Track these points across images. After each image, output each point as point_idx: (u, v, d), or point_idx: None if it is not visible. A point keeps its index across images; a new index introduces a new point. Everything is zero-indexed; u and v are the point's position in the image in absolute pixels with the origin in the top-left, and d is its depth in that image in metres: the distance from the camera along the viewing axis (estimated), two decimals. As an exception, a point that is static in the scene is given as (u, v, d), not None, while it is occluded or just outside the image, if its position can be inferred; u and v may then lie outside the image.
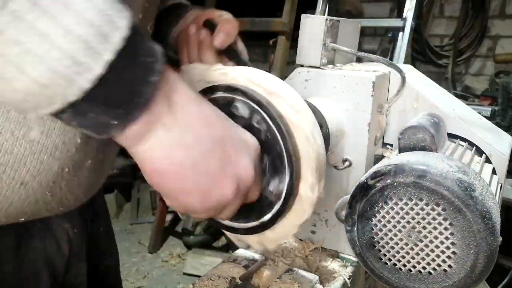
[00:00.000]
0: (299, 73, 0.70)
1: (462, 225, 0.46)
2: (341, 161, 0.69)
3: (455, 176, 0.46)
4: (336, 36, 0.71)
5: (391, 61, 0.68)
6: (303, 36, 0.70)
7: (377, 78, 0.65)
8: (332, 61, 0.73)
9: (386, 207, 0.50)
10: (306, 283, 0.63)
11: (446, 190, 0.46)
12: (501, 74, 2.85)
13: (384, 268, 0.52)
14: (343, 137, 0.68)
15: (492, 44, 3.13)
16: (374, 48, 3.23)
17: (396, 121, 0.71)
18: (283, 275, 0.65)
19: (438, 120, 0.64)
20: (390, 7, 3.38)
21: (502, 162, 0.67)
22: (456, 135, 0.69)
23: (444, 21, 3.29)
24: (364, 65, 0.76)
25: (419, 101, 0.69)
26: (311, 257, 0.73)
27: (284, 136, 0.49)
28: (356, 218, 0.52)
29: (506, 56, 2.93)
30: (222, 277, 0.64)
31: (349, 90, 0.66)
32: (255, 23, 2.59)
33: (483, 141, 0.67)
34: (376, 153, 0.69)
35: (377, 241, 0.52)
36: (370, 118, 0.65)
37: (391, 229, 0.50)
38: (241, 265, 0.67)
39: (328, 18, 0.68)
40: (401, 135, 0.60)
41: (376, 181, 0.50)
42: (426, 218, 0.48)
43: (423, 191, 0.47)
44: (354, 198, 0.52)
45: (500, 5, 3.07)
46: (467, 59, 3.22)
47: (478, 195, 0.45)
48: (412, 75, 0.75)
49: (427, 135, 0.58)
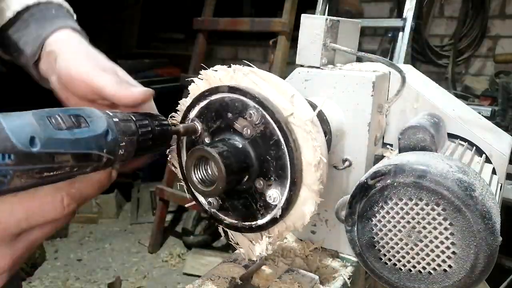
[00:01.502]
0: (299, 73, 0.70)
1: (462, 225, 0.46)
2: (341, 161, 0.69)
3: (455, 176, 0.46)
4: (336, 36, 0.71)
5: (391, 61, 0.68)
6: (303, 36, 0.70)
7: (377, 78, 0.65)
8: (332, 61, 0.72)
9: (386, 207, 0.50)
10: (306, 283, 0.63)
11: (446, 190, 0.46)
12: (501, 74, 2.85)
13: (384, 268, 0.52)
14: (343, 137, 0.68)
15: (492, 44, 3.13)
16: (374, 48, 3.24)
17: (396, 121, 0.71)
18: (283, 275, 0.65)
19: (438, 120, 0.64)
20: (390, 7, 3.38)
21: (502, 162, 0.67)
22: (456, 135, 0.69)
23: (444, 21, 3.29)
24: (364, 65, 0.76)
25: (419, 101, 0.69)
26: (311, 257, 0.73)
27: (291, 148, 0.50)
28: (356, 218, 0.52)
29: (506, 56, 2.93)
30: (222, 277, 0.64)
31: (349, 90, 0.66)
32: (255, 23, 2.58)
33: (483, 141, 0.67)
34: (376, 153, 0.69)
35: (377, 241, 0.52)
36: (370, 118, 0.65)
37: (391, 229, 0.50)
38: (241, 265, 0.67)
39: (328, 18, 0.68)
40: (401, 135, 0.60)
41: (376, 181, 0.50)
42: (426, 218, 0.48)
43: (423, 191, 0.47)
44: (354, 198, 0.52)
45: (500, 5, 3.07)
46: (467, 59, 3.22)
47: (478, 195, 0.45)
48: (412, 75, 0.75)
49: (427, 135, 0.58)
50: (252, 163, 0.52)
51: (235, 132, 0.53)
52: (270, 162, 0.52)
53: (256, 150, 0.52)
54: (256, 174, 0.53)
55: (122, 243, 3.16)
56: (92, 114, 0.42)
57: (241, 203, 0.56)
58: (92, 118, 0.41)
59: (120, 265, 2.87)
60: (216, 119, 0.55)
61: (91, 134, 0.40)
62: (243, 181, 0.54)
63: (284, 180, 0.51)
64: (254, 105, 0.51)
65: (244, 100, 0.52)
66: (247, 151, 0.52)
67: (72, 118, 0.40)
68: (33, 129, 0.36)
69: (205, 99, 0.55)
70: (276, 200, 0.52)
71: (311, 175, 0.51)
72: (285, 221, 0.54)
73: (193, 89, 0.58)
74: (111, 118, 0.44)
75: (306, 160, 0.50)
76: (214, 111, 0.55)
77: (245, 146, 0.52)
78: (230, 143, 0.52)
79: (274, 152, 0.51)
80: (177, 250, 3.04)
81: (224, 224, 0.59)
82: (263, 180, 0.53)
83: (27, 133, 0.36)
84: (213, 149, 0.49)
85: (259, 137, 0.51)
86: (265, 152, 0.52)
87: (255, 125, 0.51)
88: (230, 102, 0.53)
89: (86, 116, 0.41)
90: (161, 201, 2.99)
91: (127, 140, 0.44)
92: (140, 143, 0.46)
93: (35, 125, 0.36)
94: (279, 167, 0.51)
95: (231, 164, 0.49)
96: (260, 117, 0.51)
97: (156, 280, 2.73)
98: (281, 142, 0.50)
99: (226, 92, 0.53)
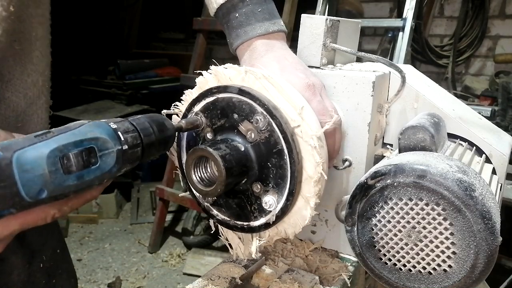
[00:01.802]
0: (299, 73, 0.70)
1: (462, 225, 0.46)
2: (341, 161, 0.68)
3: (455, 176, 0.46)
4: (336, 36, 0.71)
5: (391, 61, 0.68)
6: (303, 36, 0.70)
7: (377, 78, 0.65)
8: (332, 61, 0.72)
9: (386, 207, 0.50)
10: (306, 283, 0.63)
11: (446, 190, 0.46)
12: (501, 74, 2.85)
13: (384, 268, 0.52)
14: (343, 137, 0.68)
15: (492, 44, 3.13)
16: (374, 48, 3.24)
17: (396, 121, 0.71)
18: (283, 275, 0.65)
19: (438, 120, 0.64)
20: (390, 7, 3.38)
21: (502, 162, 0.67)
22: (456, 135, 0.69)
23: (444, 21, 3.29)
24: (364, 65, 0.76)
25: (419, 101, 0.69)
26: (311, 257, 0.73)
27: (293, 160, 0.50)
28: (356, 218, 0.52)
29: (506, 56, 2.93)
30: (222, 277, 0.64)
31: (349, 90, 0.66)
32: (255, 23, 2.58)
33: (483, 141, 0.67)
34: (376, 153, 0.69)
35: (377, 241, 0.52)
36: (370, 118, 0.65)
37: (391, 229, 0.50)
38: (241, 265, 0.67)
39: (328, 18, 0.68)
40: (401, 135, 0.60)
41: (376, 181, 0.50)
42: (426, 218, 0.48)
43: (423, 191, 0.47)
44: (354, 198, 0.52)
45: (500, 5, 3.07)
46: (467, 59, 3.22)
47: (478, 195, 0.45)
48: (412, 75, 0.75)
49: (427, 135, 0.58)
50: (252, 167, 0.52)
51: (238, 133, 0.53)
52: (271, 170, 0.52)
53: (257, 155, 0.52)
54: (254, 177, 0.53)
55: (122, 243, 3.16)
56: (104, 146, 0.42)
57: (236, 202, 0.56)
58: (103, 152, 0.42)
59: (120, 265, 2.87)
60: (221, 117, 0.54)
61: (98, 173, 0.41)
62: (241, 182, 0.54)
63: (282, 189, 0.51)
64: (262, 111, 0.51)
65: (253, 104, 0.51)
66: (248, 155, 0.52)
67: (84, 156, 0.40)
68: (44, 181, 0.38)
69: (212, 95, 0.55)
70: (271, 207, 0.52)
71: (309, 189, 0.51)
72: (277, 227, 0.54)
73: (201, 82, 0.57)
74: (121, 145, 0.43)
75: (307, 174, 0.51)
76: (220, 109, 0.54)
77: (247, 150, 0.52)
78: (232, 145, 0.52)
79: (276, 161, 0.51)
80: (177, 250, 3.04)
81: (216, 220, 0.59)
82: (260, 185, 0.53)
83: (37, 186, 0.37)
84: (216, 151, 0.49)
85: (263, 143, 0.51)
86: (266, 159, 0.52)
87: (261, 131, 0.51)
88: (238, 103, 0.53)
89: (98, 149, 0.41)
90: (161, 201, 2.98)
91: (129, 166, 0.45)
92: (142, 159, 0.46)
93: (46, 175, 0.38)
94: (279, 176, 0.51)
95: (232, 168, 0.49)
96: (266, 124, 0.51)
97: (156, 280, 2.73)
98: (284, 152, 0.50)
99: (235, 93, 0.53)
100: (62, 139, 0.39)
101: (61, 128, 0.41)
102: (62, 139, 0.39)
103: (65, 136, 0.40)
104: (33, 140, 0.38)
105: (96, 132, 0.42)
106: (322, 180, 0.51)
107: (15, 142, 0.38)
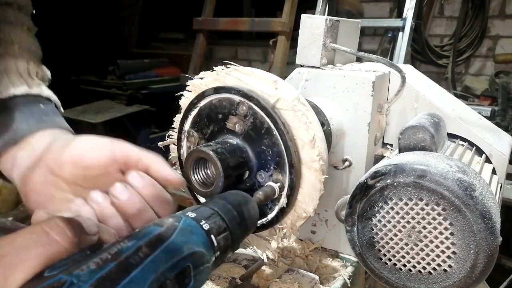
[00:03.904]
0: (299, 73, 0.70)
1: (462, 225, 0.46)
2: (341, 161, 0.68)
3: (455, 176, 0.46)
4: (336, 36, 0.71)
5: (391, 61, 0.68)
6: (303, 36, 0.70)
7: (377, 78, 0.65)
8: (332, 61, 0.72)
9: (386, 207, 0.50)
10: (306, 283, 0.63)
11: (446, 190, 0.46)
12: (501, 74, 2.85)
13: (384, 268, 0.52)
14: (343, 137, 0.68)
15: (492, 44, 3.13)
16: (374, 48, 3.23)
17: (396, 121, 0.71)
18: (283, 275, 0.65)
19: (438, 120, 0.64)
20: (390, 7, 3.38)
21: (502, 162, 0.67)
22: (456, 135, 0.69)
23: (444, 21, 3.29)
24: (364, 65, 0.76)
25: (419, 101, 0.69)
26: (311, 257, 0.73)
27: (281, 131, 0.50)
28: (356, 218, 0.52)
29: (506, 56, 2.93)
30: (222, 277, 0.64)
31: (349, 90, 0.66)
32: (255, 23, 2.58)
33: (483, 141, 0.67)
34: (376, 153, 0.69)
35: (377, 241, 0.52)
36: (370, 118, 0.65)
37: (391, 229, 0.50)
38: (241, 265, 0.67)
39: (328, 18, 0.68)
40: (401, 135, 0.60)
41: (376, 181, 0.50)
42: (426, 218, 0.48)
43: (423, 191, 0.47)
44: (354, 198, 0.52)
45: (500, 5, 3.07)
46: (467, 59, 3.22)
47: (478, 195, 0.45)
48: (412, 75, 0.75)
49: (427, 135, 0.58)
50: (250, 157, 0.53)
51: (228, 131, 0.54)
52: (266, 152, 0.52)
53: (251, 143, 0.53)
54: (256, 168, 0.53)
55: (122, 243, 3.16)
56: (199, 262, 0.34)
57: None
58: (198, 270, 0.34)
59: (120, 265, 2.86)
60: (209, 123, 0.56)
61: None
62: (245, 178, 0.54)
63: (283, 165, 0.51)
64: (240, 99, 0.52)
65: (230, 97, 0.53)
66: (242, 146, 0.53)
67: (179, 280, 0.32)
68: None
69: (195, 107, 0.56)
70: (280, 190, 0.53)
71: (308, 153, 0.51)
72: (295, 210, 0.54)
73: (184, 103, 0.59)
74: (215, 253, 0.37)
75: (301, 139, 0.50)
76: (206, 116, 0.56)
77: (240, 142, 0.53)
78: (224, 141, 0.53)
79: (268, 140, 0.51)
80: (177, 250, 3.04)
81: None
82: (263, 172, 0.53)
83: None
84: (207, 147, 0.50)
85: (251, 129, 0.52)
86: (259, 143, 0.52)
87: (245, 118, 0.52)
88: (218, 103, 0.54)
89: (193, 267, 0.34)
90: (161, 201, 2.98)
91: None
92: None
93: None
94: (276, 154, 0.51)
95: (227, 159, 0.50)
96: (247, 109, 0.51)
97: (156, 280, 2.73)
98: (271, 128, 0.51)
99: (212, 94, 0.54)
100: (159, 262, 0.31)
101: (144, 228, 0.33)
102: (159, 261, 0.31)
103: (161, 257, 0.31)
104: (128, 269, 0.29)
105: (193, 245, 0.34)
106: (318, 139, 0.50)
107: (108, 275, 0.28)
